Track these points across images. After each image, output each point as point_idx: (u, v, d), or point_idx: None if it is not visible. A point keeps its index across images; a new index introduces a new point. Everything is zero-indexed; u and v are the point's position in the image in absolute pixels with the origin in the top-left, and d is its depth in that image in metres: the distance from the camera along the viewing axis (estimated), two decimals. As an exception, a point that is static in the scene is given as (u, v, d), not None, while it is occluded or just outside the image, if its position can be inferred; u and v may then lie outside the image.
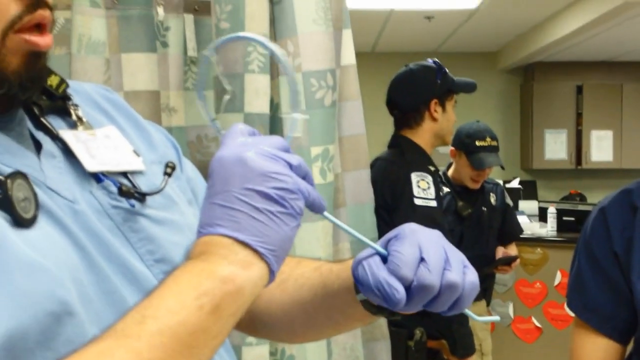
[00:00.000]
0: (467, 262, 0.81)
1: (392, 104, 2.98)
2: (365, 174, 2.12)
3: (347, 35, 2.06)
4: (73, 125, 0.91)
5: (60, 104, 0.91)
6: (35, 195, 0.76)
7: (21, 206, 0.73)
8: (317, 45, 1.95)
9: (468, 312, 0.85)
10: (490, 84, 9.14)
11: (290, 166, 0.74)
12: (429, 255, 0.77)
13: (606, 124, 8.76)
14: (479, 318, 0.87)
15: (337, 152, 2.06)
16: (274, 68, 1.96)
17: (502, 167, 3.69)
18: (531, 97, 8.82)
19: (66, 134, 0.87)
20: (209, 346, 0.70)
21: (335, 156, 2.03)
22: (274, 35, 1.96)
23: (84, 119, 0.92)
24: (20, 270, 0.68)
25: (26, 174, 0.76)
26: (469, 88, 3.06)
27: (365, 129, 2.13)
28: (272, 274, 0.73)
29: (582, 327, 1.52)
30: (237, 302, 0.71)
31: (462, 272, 0.79)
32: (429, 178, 2.68)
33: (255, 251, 0.71)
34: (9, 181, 0.73)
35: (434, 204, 2.63)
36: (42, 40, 0.79)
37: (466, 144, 3.54)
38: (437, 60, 3.01)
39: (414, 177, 2.67)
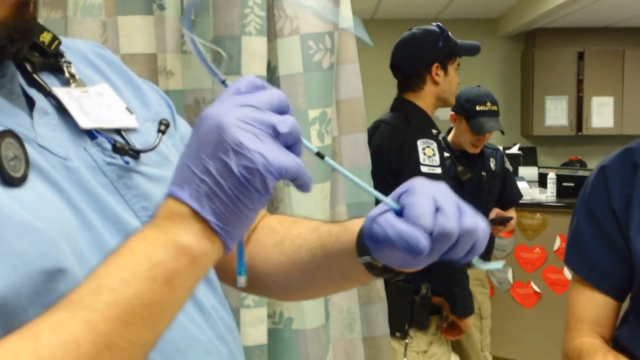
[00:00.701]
0: (475, 211, 0.82)
1: (395, 68, 3.05)
2: (363, 138, 2.12)
3: (345, -2, 2.05)
4: (66, 83, 0.90)
5: (53, 61, 0.91)
6: (25, 153, 0.75)
7: (10, 165, 0.73)
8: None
9: (477, 260, 0.86)
10: (491, 51, 9.08)
11: (277, 134, 0.71)
12: (444, 204, 0.78)
13: (607, 90, 8.73)
14: (486, 266, 0.89)
15: (334, 116, 2.06)
16: (271, 30, 1.95)
17: (502, 132, 3.68)
18: (532, 64, 8.78)
19: (59, 91, 0.87)
20: (164, 317, 0.70)
21: (332, 119, 2.02)
22: (272, -3, 1.95)
23: (77, 76, 0.92)
24: (10, 229, 0.68)
25: (16, 132, 0.76)
26: (472, 51, 3.07)
27: (362, 93, 2.12)
28: (226, 249, 0.73)
29: (580, 283, 1.53)
30: (192, 275, 0.71)
31: (475, 218, 0.80)
32: (434, 145, 2.71)
33: (210, 227, 0.70)
34: None
35: (439, 170, 2.67)
36: None
37: (466, 108, 3.53)
38: (440, 24, 3.01)
39: (420, 144, 2.71)
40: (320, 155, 0.82)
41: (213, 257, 0.72)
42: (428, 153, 2.70)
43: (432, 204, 0.77)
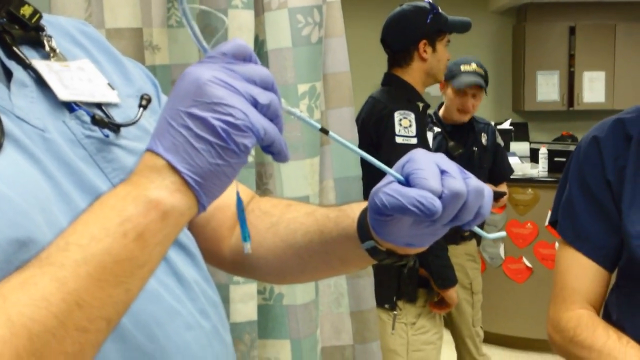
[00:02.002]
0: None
1: (385, 43, 3.09)
2: (349, 112, 2.11)
3: (333, -30, 2.03)
4: (46, 56, 0.89)
5: (34, 35, 0.90)
6: (0, 123, 0.74)
7: None
8: (302, -20, 1.92)
9: (477, 229, 0.87)
10: (482, 26, 9.04)
11: (256, 104, 0.70)
12: (448, 168, 0.78)
13: (599, 65, 8.71)
14: (488, 235, 0.89)
15: (322, 90, 2.05)
16: (258, 4, 1.93)
17: (485, 91, 3.63)
18: (523, 39, 8.75)
19: (39, 64, 0.86)
20: (137, 275, 0.68)
21: (321, 94, 2.01)
22: (259, -30, 1.92)
23: (58, 51, 0.91)
24: None
25: None
26: (463, 28, 3.08)
27: (349, 67, 2.11)
28: (201, 207, 0.72)
29: (571, 253, 1.52)
30: (163, 231, 0.69)
31: (479, 181, 0.80)
32: (412, 116, 2.73)
33: (184, 179, 0.69)
34: None
35: (414, 141, 2.69)
36: None
37: (451, 70, 3.55)
38: (431, 0, 3.01)
39: (397, 115, 2.74)
40: (324, 130, 0.82)
41: (186, 213, 0.71)
42: (404, 124, 2.72)
43: (436, 168, 0.78)
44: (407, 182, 0.78)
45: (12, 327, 0.60)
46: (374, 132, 2.78)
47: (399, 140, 2.69)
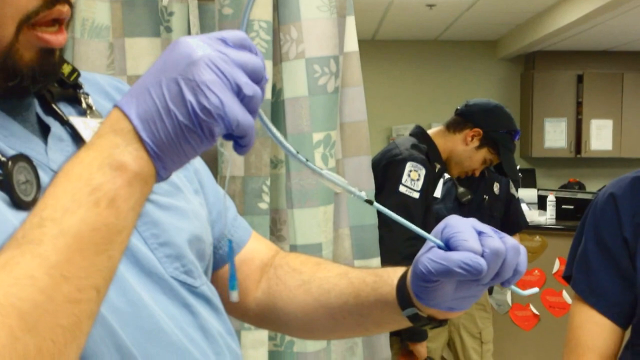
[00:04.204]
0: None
1: (463, 109, 3.14)
2: (366, 161, 2.13)
3: (350, 22, 2.07)
4: (83, 113, 0.91)
5: (71, 92, 0.92)
6: (37, 178, 0.76)
7: (21, 188, 0.74)
8: (320, 32, 1.95)
9: (514, 287, 0.89)
10: (491, 73, 9.13)
11: (239, 93, 0.69)
12: (483, 229, 0.82)
13: (606, 113, 8.75)
14: (523, 292, 0.91)
15: (339, 139, 2.07)
16: (276, 54, 1.96)
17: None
18: (531, 86, 8.81)
19: (75, 120, 0.88)
20: (116, 241, 0.67)
21: (337, 142, 2.04)
22: (278, 20, 1.96)
23: (94, 107, 0.93)
24: None
25: (29, 157, 0.77)
26: (508, 170, 3.17)
27: (366, 116, 2.14)
28: (159, 177, 0.71)
29: (585, 309, 1.52)
30: (133, 196, 0.68)
31: (512, 239, 0.83)
32: (423, 171, 2.73)
33: (146, 149, 0.68)
34: (10, 163, 0.74)
35: (416, 195, 2.70)
36: (55, 39, 0.79)
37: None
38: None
39: (409, 165, 2.73)
40: (369, 202, 0.84)
41: (149, 180, 0.70)
42: (413, 176, 2.72)
43: (474, 230, 0.81)
44: (447, 246, 0.81)
45: (1, 309, 0.59)
46: (381, 175, 2.76)
47: (402, 189, 2.69)
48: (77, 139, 0.87)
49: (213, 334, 0.91)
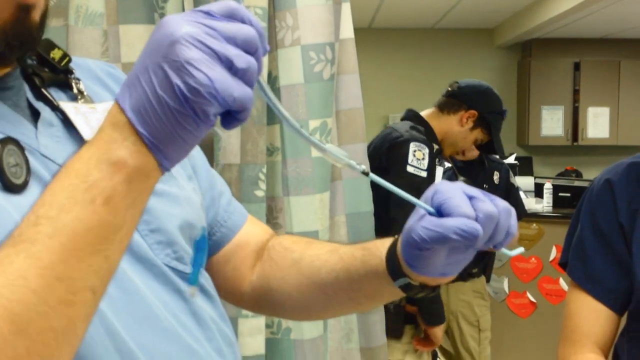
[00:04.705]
0: None
1: (455, 90, 3.19)
2: (362, 148, 2.12)
3: (346, 9, 2.06)
4: (74, 98, 0.91)
5: (62, 77, 0.92)
6: (27, 161, 0.76)
7: (11, 171, 0.73)
8: (316, 19, 1.95)
9: (504, 250, 0.88)
10: (488, 61, 9.11)
11: (231, 66, 0.64)
12: (474, 193, 0.81)
13: (603, 101, 8.75)
14: (510, 252, 0.90)
15: (335, 126, 2.06)
16: (272, 41, 1.96)
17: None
18: (528, 74, 8.80)
19: (66, 106, 0.87)
20: (114, 241, 0.66)
21: (332, 129, 2.03)
22: (273, 7, 1.95)
23: (85, 93, 0.92)
24: (5, 235, 0.66)
25: (18, 140, 0.76)
26: (498, 147, 3.27)
27: (362, 103, 2.13)
28: (163, 169, 0.68)
29: (582, 295, 1.51)
30: (131, 193, 0.66)
31: (503, 200, 0.83)
32: (426, 150, 2.74)
33: (143, 141, 0.66)
34: None
35: (424, 174, 2.71)
36: None
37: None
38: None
39: (412, 145, 2.74)
40: (365, 173, 0.82)
41: (151, 174, 0.67)
42: (418, 156, 2.73)
43: (465, 196, 0.80)
44: (438, 213, 0.80)
45: None
46: (385, 158, 2.77)
47: (409, 169, 2.69)
48: (68, 125, 0.86)
49: (205, 319, 0.91)
